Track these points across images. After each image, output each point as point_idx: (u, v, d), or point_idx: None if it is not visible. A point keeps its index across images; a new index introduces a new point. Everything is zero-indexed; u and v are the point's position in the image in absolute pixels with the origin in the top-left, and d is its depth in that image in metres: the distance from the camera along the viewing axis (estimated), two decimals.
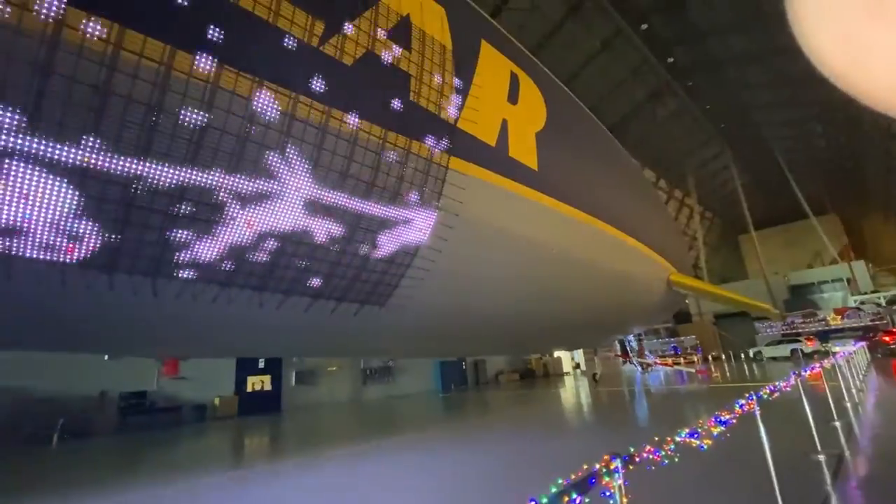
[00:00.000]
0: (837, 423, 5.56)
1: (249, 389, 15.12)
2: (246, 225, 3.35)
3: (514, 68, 5.62)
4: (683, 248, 15.11)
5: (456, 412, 12.89)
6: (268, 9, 3.05)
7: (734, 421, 2.48)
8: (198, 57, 2.75)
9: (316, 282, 4.00)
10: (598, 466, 1.64)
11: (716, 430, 2.16)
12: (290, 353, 6.29)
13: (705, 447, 2.09)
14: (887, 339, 20.29)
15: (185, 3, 2.70)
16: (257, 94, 3.05)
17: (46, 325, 3.39)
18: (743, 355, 26.67)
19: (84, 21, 2.39)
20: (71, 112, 2.44)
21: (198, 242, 3.16)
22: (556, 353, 28.62)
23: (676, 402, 11.15)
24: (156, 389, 12.99)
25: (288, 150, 3.28)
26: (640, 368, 19.84)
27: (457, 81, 4.49)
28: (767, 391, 3.31)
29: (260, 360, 15.31)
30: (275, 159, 3.25)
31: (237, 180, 3.11)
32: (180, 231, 3.05)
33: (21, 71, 2.27)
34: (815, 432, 4.64)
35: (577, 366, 29.59)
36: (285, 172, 3.34)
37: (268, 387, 15.58)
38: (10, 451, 9.31)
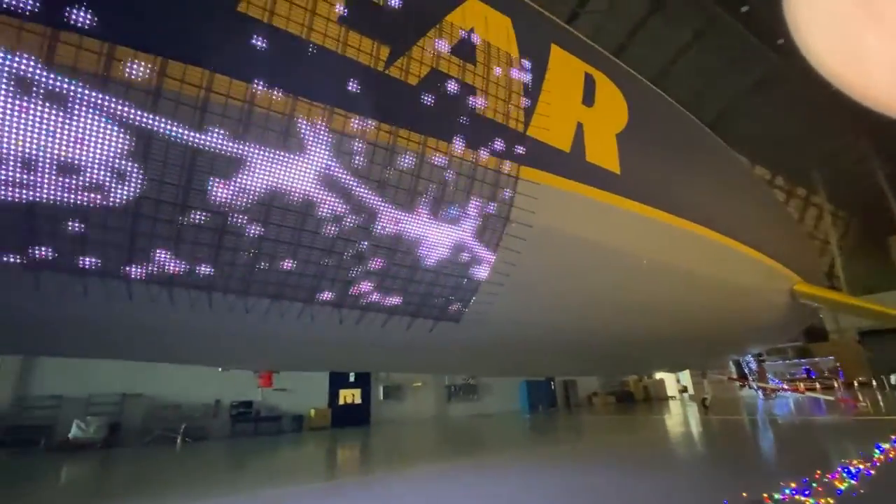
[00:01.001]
0: None
1: (341, 402, 16.02)
2: (324, 245, 3.56)
3: (589, 69, 5.36)
4: (811, 253, 13.03)
5: (536, 435, 12.33)
6: (336, 40, 3.26)
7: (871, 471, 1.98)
8: (274, 91, 3.01)
9: (390, 298, 4.10)
10: None
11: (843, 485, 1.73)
12: (372, 368, 6.57)
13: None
14: None
15: (255, 41, 2.97)
16: (329, 121, 3.25)
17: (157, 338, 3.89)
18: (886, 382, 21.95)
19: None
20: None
21: (281, 262, 3.41)
22: (659, 375, 26.21)
23: (810, 437, 9.49)
24: (260, 400, 14.32)
25: (359, 172, 3.43)
26: (761, 394, 17.31)
27: (525, 89, 4.39)
28: None
29: (350, 375, 16.17)
30: (348, 181, 3.43)
31: (317, 201, 3.32)
32: (267, 251, 3.32)
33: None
34: None
35: (685, 389, 26.72)
36: (357, 195, 3.50)
37: (357, 400, 16.37)
38: (142, 452, 10.84)
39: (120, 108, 2.58)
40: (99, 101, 2.53)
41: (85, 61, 2.50)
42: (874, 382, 23.19)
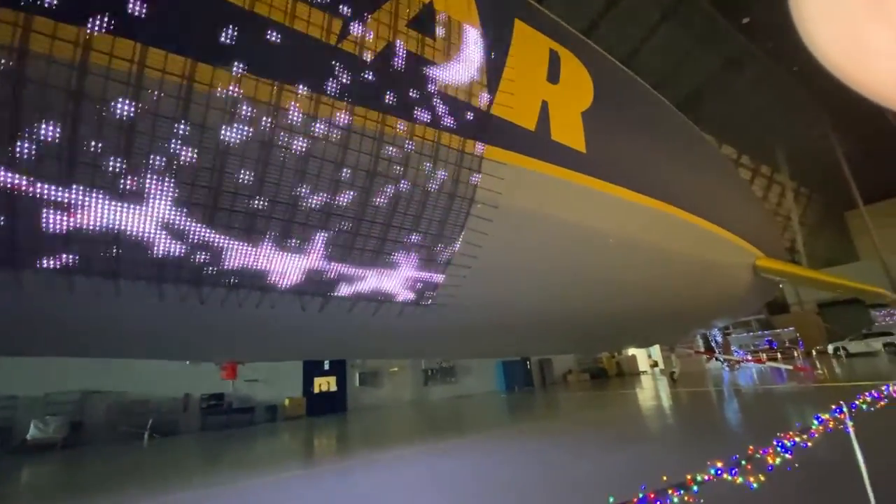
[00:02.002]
0: None
1: (316, 391, 15.94)
2: (280, 229, 3.43)
3: (554, 45, 5.30)
4: (773, 229, 13.56)
5: (509, 415, 12.64)
6: (283, 12, 3.09)
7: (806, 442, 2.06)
8: (216, 62, 2.84)
9: (355, 283, 4.02)
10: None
11: (776, 460, 1.79)
12: (339, 356, 6.50)
13: (754, 486, 1.75)
14: None
15: (198, 14, 2.80)
16: (278, 96, 3.10)
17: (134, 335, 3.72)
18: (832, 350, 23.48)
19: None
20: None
21: (234, 248, 3.28)
22: (631, 351, 27.12)
23: (769, 406, 10.04)
24: (232, 391, 14.09)
25: (312, 151, 3.31)
26: (726, 366, 18.17)
27: (487, 66, 4.31)
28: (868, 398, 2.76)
29: (325, 363, 16.07)
30: (301, 161, 3.30)
31: (265, 183, 3.19)
32: (218, 238, 3.18)
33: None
34: None
35: (655, 364, 27.80)
36: (312, 175, 3.38)
37: (333, 388, 16.33)
38: (107, 450, 10.55)
39: None
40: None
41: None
42: (831, 351, 24.72)
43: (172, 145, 2.79)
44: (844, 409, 2.27)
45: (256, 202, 3.19)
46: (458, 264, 4.46)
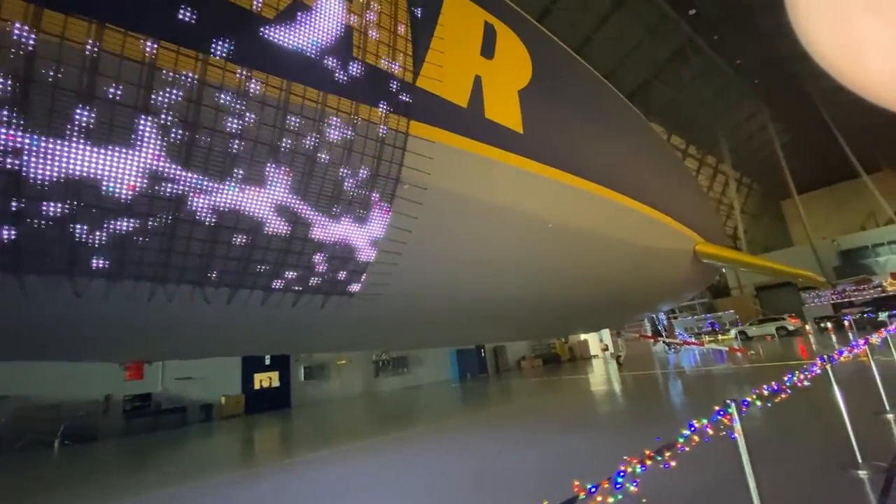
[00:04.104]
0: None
1: (257, 387, 15.31)
2: (178, 214, 3.06)
3: (490, 18, 5.12)
4: (713, 215, 14.26)
5: (455, 404, 12.71)
6: None
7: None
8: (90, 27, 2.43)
9: (265, 273, 3.69)
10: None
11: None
12: (258, 351, 6.16)
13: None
14: None
15: None
16: (156, 58, 2.71)
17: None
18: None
19: None
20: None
21: (128, 234, 2.88)
22: (583, 336, 28.06)
23: (704, 387, 10.64)
24: (160, 391, 13.25)
25: (203, 123, 2.95)
26: (668, 348, 19.21)
27: (413, 34, 4.05)
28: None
29: (266, 358, 15.45)
30: (192, 135, 2.93)
31: (166, 165, 2.81)
32: (109, 225, 2.78)
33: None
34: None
35: (606, 348, 28.93)
36: (209, 152, 3.02)
37: (276, 383, 15.75)
38: (8, 460, 9.60)
39: None
40: None
41: None
42: (733, 334, 27.05)
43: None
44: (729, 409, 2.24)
45: (148, 184, 2.80)
46: (387, 250, 4.23)
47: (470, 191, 4.71)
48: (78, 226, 2.71)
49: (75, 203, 2.66)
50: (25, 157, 2.44)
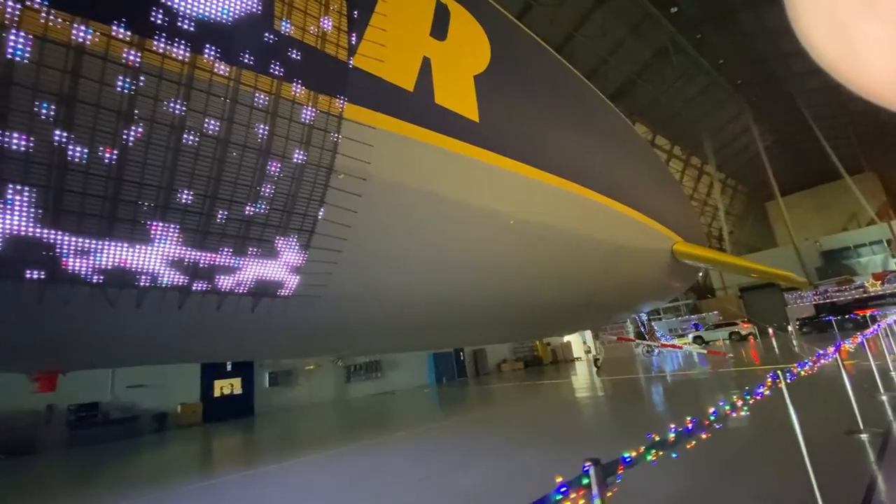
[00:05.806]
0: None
1: (217, 394, 14.77)
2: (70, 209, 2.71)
3: None
4: (692, 215, 14.26)
5: (424, 412, 12.42)
6: None
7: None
8: None
9: (183, 273, 3.35)
10: None
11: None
12: (177, 359, 5.77)
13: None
14: None
15: None
16: (74, 34, 2.38)
17: None
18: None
19: None
20: None
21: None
22: (566, 338, 28.05)
23: (683, 394, 10.56)
24: (110, 400, 12.66)
25: (101, 102, 2.61)
26: (644, 350, 19.29)
27: (348, 7, 3.76)
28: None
29: (227, 364, 14.92)
30: (88, 118, 2.59)
31: (65, 151, 2.47)
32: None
33: None
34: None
35: (588, 350, 29.02)
36: (117, 137, 2.68)
37: (238, 390, 15.24)
38: None
39: None
40: None
41: None
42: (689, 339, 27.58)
43: None
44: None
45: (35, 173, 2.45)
46: (322, 247, 3.91)
47: (418, 182, 4.44)
48: None
49: None
50: None
